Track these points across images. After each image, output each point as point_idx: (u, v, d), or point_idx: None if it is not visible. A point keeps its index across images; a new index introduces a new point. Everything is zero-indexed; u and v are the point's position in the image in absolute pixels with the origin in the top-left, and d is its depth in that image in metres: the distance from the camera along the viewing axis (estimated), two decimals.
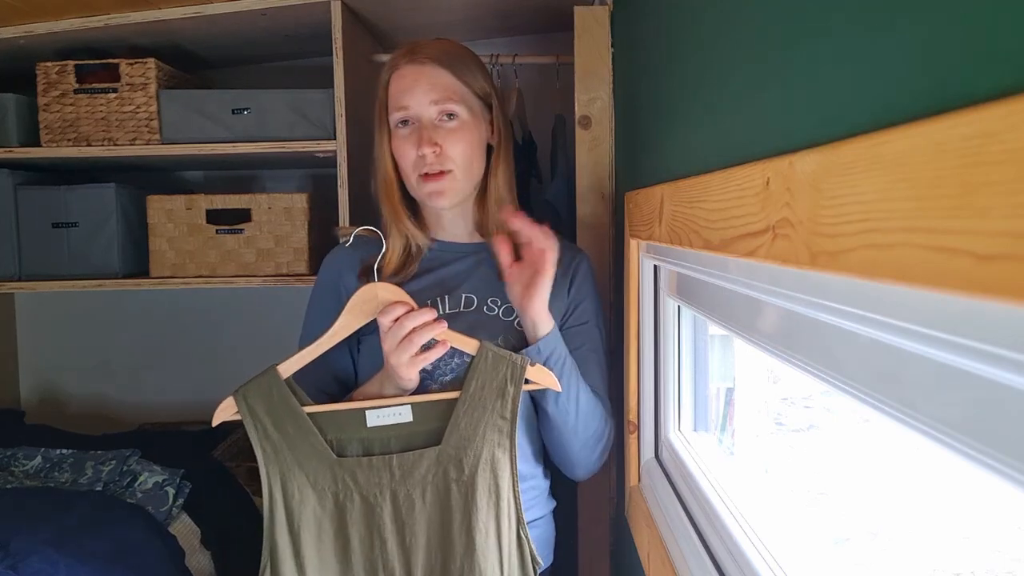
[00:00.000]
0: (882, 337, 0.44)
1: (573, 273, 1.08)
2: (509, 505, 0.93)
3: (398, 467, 0.91)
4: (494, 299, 1.04)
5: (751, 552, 0.73)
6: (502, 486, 0.93)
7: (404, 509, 0.91)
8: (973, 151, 0.29)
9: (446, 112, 1.01)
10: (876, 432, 1.16)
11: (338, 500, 0.91)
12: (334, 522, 0.92)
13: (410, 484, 0.91)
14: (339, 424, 0.91)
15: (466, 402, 0.91)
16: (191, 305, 2.10)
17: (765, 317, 0.66)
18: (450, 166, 1.01)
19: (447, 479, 0.91)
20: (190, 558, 1.42)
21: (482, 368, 0.91)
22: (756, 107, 0.59)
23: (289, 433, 0.90)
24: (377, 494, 0.91)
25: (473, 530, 0.91)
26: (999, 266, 0.27)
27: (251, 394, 0.91)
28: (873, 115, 0.40)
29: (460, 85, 1.02)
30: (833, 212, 0.41)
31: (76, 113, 1.66)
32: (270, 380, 0.91)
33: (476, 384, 0.91)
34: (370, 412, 0.91)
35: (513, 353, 0.92)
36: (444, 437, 0.91)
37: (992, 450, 0.35)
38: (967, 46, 0.32)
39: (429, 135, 1.00)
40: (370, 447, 0.91)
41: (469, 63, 1.05)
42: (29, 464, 1.62)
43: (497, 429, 0.92)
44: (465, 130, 1.02)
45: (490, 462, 0.92)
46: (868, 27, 0.41)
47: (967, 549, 1.18)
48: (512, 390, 0.92)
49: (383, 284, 0.94)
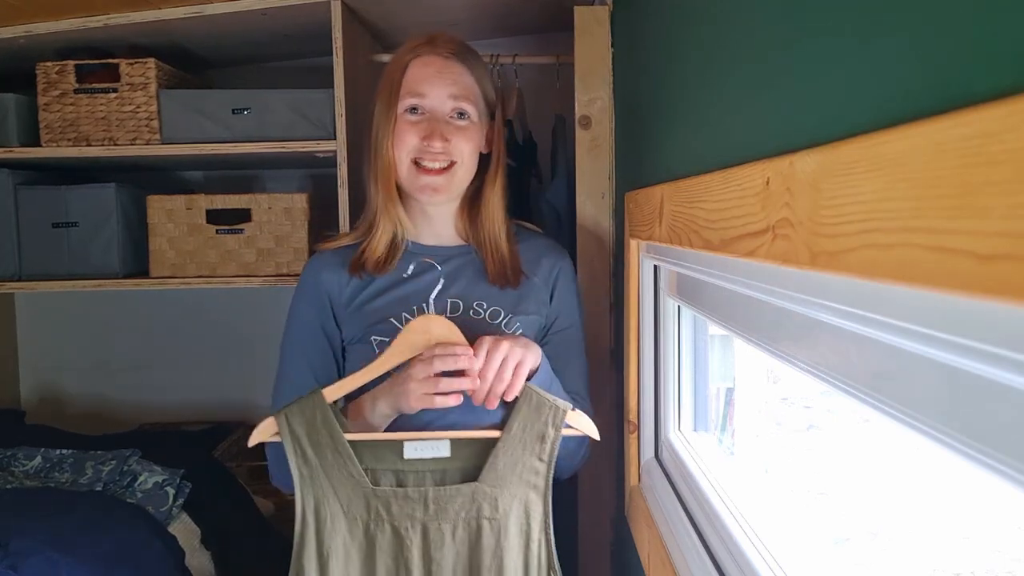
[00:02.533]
0: (882, 337, 0.44)
1: (554, 282, 1.09)
2: (540, 548, 0.93)
3: (433, 501, 0.90)
4: (479, 303, 1.04)
5: (751, 552, 0.73)
6: (533, 527, 0.93)
7: (433, 544, 0.91)
8: (973, 151, 0.29)
9: (459, 110, 1.01)
10: (876, 432, 1.16)
11: (368, 530, 0.90)
12: (362, 551, 0.90)
13: (442, 519, 0.90)
14: (376, 454, 0.90)
15: (507, 442, 0.90)
16: (191, 305, 2.10)
17: (765, 317, 0.66)
18: (457, 157, 1.02)
19: (480, 517, 0.91)
20: (190, 558, 1.42)
21: (525, 410, 0.90)
22: (756, 107, 0.59)
23: (327, 459, 0.89)
24: (408, 527, 0.90)
25: (504, 570, 0.91)
26: (999, 266, 0.27)
27: (293, 415, 0.90)
28: (873, 115, 0.40)
29: (476, 86, 1.03)
30: (833, 212, 0.41)
31: (76, 113, 1.66)
32: (315, 403, 0.90)
33: (518, 425, 0.90)
34: (408, 444, 0.90)
35: (557, 398, 0.92)
36: (481, 475, 0.90)
37: (992, 450, 0.35)
38: (967, 46, 0.32)
39: (441, 129, 1.00)
40: (404, 479, 0.90)
41: (484, 68, 1.07)
42: (29, 464, 1.62)
43: (534, 471, 0.92)
44: (473, 130, 1.03)
45: (524, 503, 0.92)
46: (868, 27, 0.41)
47: (967, 549, 1.18)
48: (552, 434, 0.91)
49: (437, 319, 0.93)
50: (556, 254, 1.12)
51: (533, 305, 1.06)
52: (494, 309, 1.04)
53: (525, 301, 1.06)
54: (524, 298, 1.06)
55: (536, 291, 1.07)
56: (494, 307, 1.04)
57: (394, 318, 1.02)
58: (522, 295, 1.06)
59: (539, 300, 1.07)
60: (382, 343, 1.00)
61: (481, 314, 1.03)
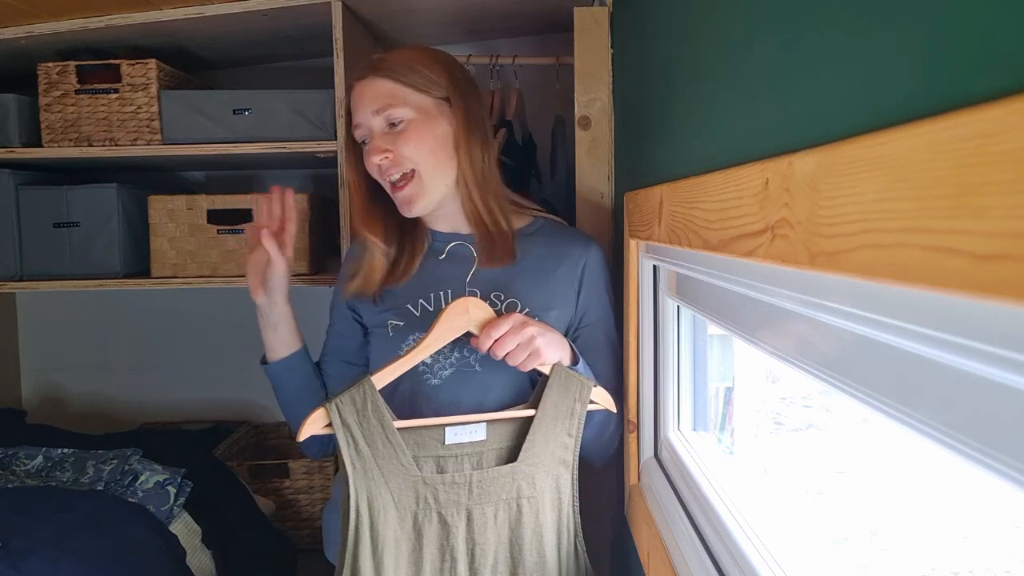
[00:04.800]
0: (881, 337, 0.44)
1: (580, 276, 1.08)
2: (568, 518, 0.96)
3: (477, 484, 0.90)
4: (496, 294, 1.04)
5: (750, 551, 0.73)
6: (564, 500, 0.95)
7: (477, 528, 0.91)
8: (971, 151, 0.29)
9: (388, 120, 1.01)
10: (875, 432, 1.16)
11: (416, 520, 0.90)
12: (410, 543, 0.90)
13: (485, 502, 0.91)
14: (419, 441, 0.89)
15: (542, 420, 0.92)
16: (192, 305, 2.10)
17: (764, 317, 0.66)
18: (410, 166, 1.01)
19: (520, 497, 0.92)
20: (191, 557, 1.42)
21: (556, 387, 0.92)
22: (755, 107, 0.59)
23: (379, 449, 0.88)
24: (454, 513, 0.90)
25: (544, 546, 0.93)
26: (998, 266, 0.27)
27: (344, 405, 0.87)
28: (872, 115, 0.40)
29: (401, 88, 1.02)
30: (832, 212, 0.41)
31: (77, 113, 1.67)
32: (365, 391, 0.88)
33: (551, 403, 0.92)
34: (449, 430, 0.90)
35: (582, 375, 0.94)
36: (520, 454, 0.91)
37: (992, 450, 0.35)
38: (966, 46, 0.32)
39: (377, 143, 1.01)
40: (444, 466, 0.90)
41: (416, 65, 1.03)
42: (30, 463, 1.62)
43: (564, 446, 0.94)
44: (412, 129, 1.01)
45: (555, 478, 0.94)
46: (867, 27, 0.41)
47: (966, 548, 1.18)
48: (579, 409, 0.94)
49: (474, 300, 0.94)
50: (582, 246, 1.10)
51: (554, 300, 1.05)
52: (511, 301, 1.03)
53: (547, 295, 1.05)
54: (547, 292, 1.05)
55: (559, 286, 1.06)
56: (511, 299, 1.03)
57: (410, 304, 1.04)
58: (546, 289, 1.05)
59: (562, 296, 1.06)
60: (396, 327, 1.03)
61: (498, 305, 1.03)
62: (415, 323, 1.03)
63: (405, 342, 1.02)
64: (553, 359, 0.94)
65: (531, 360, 0.91)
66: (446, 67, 1.06)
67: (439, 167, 1.03)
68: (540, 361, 0.92)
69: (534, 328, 0.92)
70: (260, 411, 2.12)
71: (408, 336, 1.03)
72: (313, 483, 1.86)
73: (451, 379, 1.01)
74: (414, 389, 1.02)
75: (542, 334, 0.92)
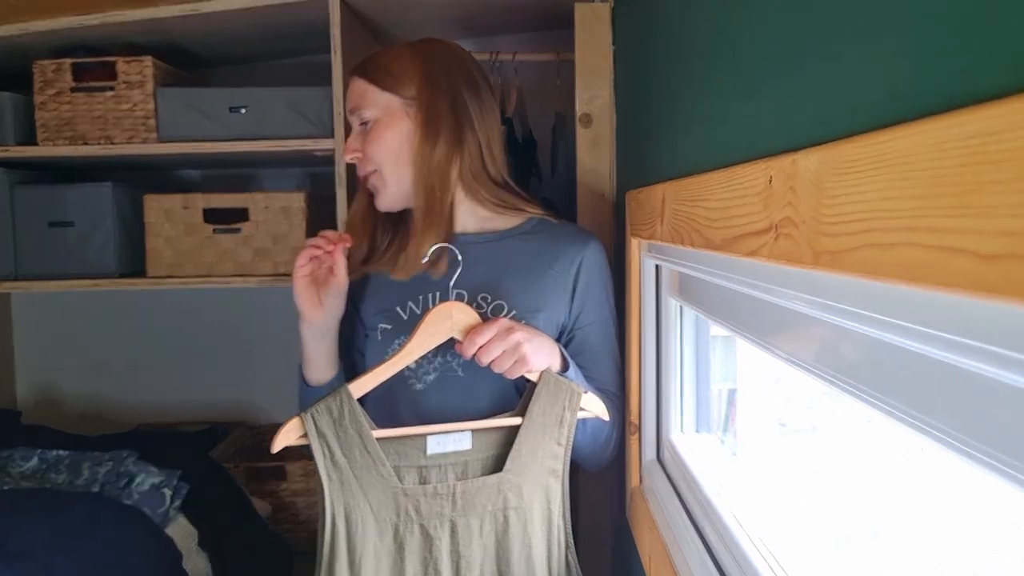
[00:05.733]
0: (884, 337, 0.44)
1: (576, 274, 1.04)
2: (559, 530, 0.93)
3: (461, 496, 0.88)
4: (483, 296, 1.01)
5: (753, 554, 0.72)
6: (553, 511, 0.92)
7: (462, 541, 0.89)
8: (975, 150, 0.28)
9: (361, 119, 1.04)
10: (878, 432, 1.16)
11: (398, 533, 0.87)
12: (391, 557, 0.88)
13: (470, 514, 0.88)
14: (400, 451, 0.87)
15: (529, 429, 0.89)
16: (188, 305, 2.09)
17: (767, 317, 0.65)
18: (371, 167, 1.03)
19: (507, 508, 0.89)
20: (187, 560, 1.42)
21: (544, 394, 0.89)
22: (758, 105, 0.59)
23: (356, 459, 0.85)
24: (437, 525, 0.88)
25: (533, 560, 0.90)
26: (1001, 265, 0.27)
27: (320, 415, 0.85)
28: (875, 114, 0.39)
29: (371, 89, 1.03)
30: (835, 211, 0.41)
31: (73, 111, 1.66)
32: (342, 400, 0.85)
33: (538, 411, 0.89)
34: (431, 439, 0.87)
35: (571, 381, 0.91)
36: (506, 464, 0.89)
37: (994, 450, 0.35)
38: (969, 45, 0.32)
39: (350, 142, 1.04)
40: (427, 476, 0.88)
41: (390, 66, 1.03)
42: (26, 465, 1.61)
43: (553, 455, 0.91)
44: (375, 130, 1.02)
45: (545, 489, 0.91)
46: (870, 26, 0.41)
47: (967, 549, 1.17)
48: (569, 417, 0.90)
49: (458, 305, 0.91)
50: (579, 243, 1.06)
51: (544, 302, 1.02)
52: (497, 303, 1.00)
53: (536, 296, 1.02)
54: (536, 294, 1.02)
55: (551, 287, 1.03)
56: (498, 301, 1.00)
57: (399, 307, 1.03)
58: (535, 290, 1.02)
59: (554, 297, 1.02)
60: (384, 331, 1.01)
61: (484, 308, 1.00)
62: (402, 327, 1.01)
63: (391, 347, 1.00)
64: (541, 366, 0.90)
65: (517, 367, 0.88)
66: (424, 65, 1.03)
67: (400, 172, 1.02)
68: (527, 368, 0.89)
69: (520, 334, 0.88)
70: (257, 412, 2.11)
71: (394, 340, 1.00)
72: (310, 486, 1.86)
73: (435, 384, 0.99)
74: (399, 394, 1.00)
75: (529, 340, 0.89)
